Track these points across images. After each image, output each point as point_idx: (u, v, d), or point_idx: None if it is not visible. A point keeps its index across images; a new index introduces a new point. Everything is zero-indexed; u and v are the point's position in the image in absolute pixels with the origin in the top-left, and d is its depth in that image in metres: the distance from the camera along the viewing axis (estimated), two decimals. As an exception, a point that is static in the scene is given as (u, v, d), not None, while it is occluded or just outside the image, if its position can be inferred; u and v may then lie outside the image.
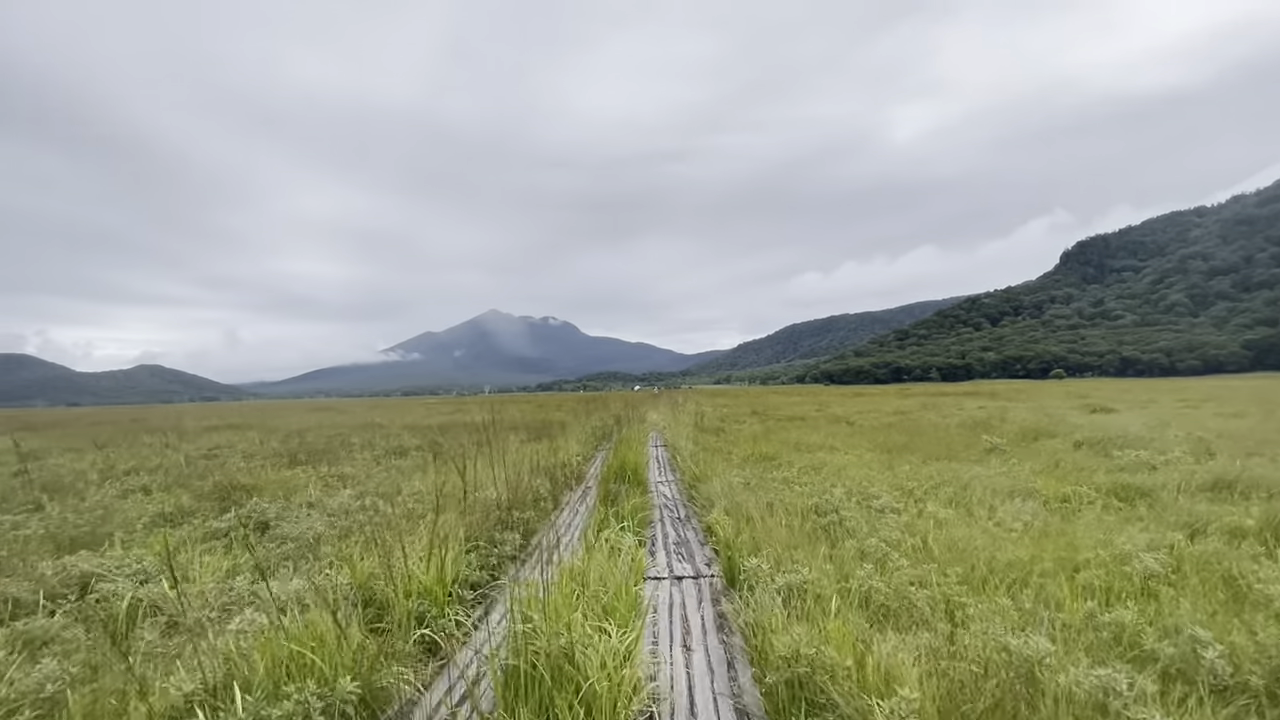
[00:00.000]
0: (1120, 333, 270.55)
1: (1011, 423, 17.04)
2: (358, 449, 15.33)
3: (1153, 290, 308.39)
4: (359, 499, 7.45)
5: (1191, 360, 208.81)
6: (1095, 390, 49.44)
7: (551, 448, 13.38)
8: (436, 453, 14.00)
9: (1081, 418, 18.70)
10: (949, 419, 20.24)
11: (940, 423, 18.69)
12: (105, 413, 68.97)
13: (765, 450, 12.43)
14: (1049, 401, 30.36)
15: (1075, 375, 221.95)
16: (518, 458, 11.80)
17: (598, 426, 17.51)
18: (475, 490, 7.18)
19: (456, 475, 9.53)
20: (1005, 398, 38.16)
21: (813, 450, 12.79)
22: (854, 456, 11.71)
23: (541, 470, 8.74)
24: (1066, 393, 45.18)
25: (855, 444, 13.64)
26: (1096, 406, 22.33)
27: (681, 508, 8.01)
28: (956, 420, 18.99)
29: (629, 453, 10.24)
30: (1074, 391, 47.57)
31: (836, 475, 9.39)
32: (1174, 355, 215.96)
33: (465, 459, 12.40)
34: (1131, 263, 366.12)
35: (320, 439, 18.90)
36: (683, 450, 12.09)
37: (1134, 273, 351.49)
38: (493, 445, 15.74)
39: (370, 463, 12.83)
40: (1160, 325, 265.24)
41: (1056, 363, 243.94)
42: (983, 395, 44.83)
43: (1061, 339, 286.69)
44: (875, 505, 7.11)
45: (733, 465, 10.84)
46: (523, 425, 23.61)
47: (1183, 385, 58.82)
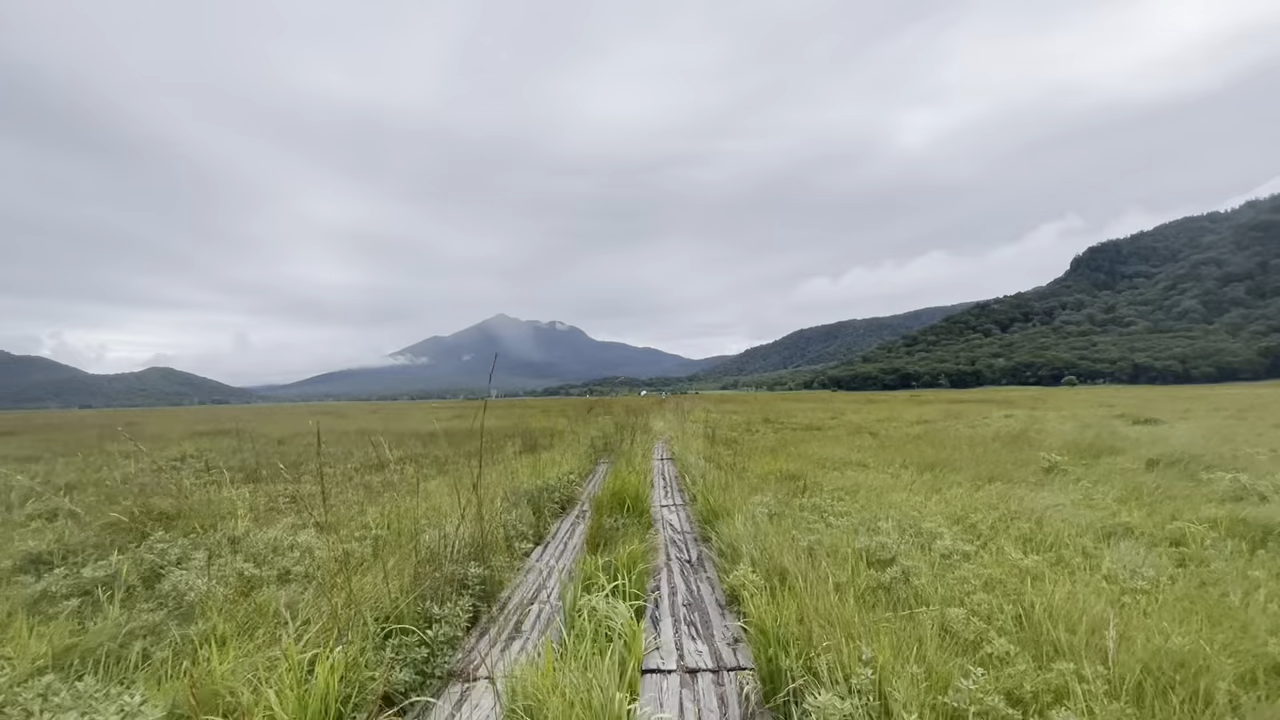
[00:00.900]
0: (1132, 339, 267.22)
1: (1053, 434, 15.48)
2: (335, 460, 13.93)
3: (1165, 296, 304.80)
4: (294, 533, 6.01)
5: (1206, 367, 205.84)
6: (1116, 398, 47.62)
7: (545, 461, 11.94)
8: (417, 466, 12.57)
9: (1127, 429, 17.11)
10: (979, 429, 18.68)
11: (972, 434, 17.13)
12: (103, 416, 68.08)
13: (787, 467, 10.93)
14: (1077, 410, 28.70)
15: (1087, 382, 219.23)
16: (505, 473, 10.37)
17: (598, 436, 16.06)
18: (439, 521, 5.76)
19: (429, 494, 8.10)
20: (1026, 405, 36.48)
21: (840, 467, 11.28)
22: (890, 475, 10.20)
23: (524, 496, 7.31)
24: (1089, 400, 43.41)
25: (886, 459, 12.12)
26: (1137, 417, 20.70)
27: (692, 545, 6.53)
28: (990, 431, 17.42)
29: (630, 473, 8.81)
30: (1096, 399, 45.78)
31: (877, 501, 7.90)
32: (1188, 362, 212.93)
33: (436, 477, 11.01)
34: (1144, 268, 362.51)
35: (300, 448, 17.51)
36: (692, 467, 10.61)
37: (1146, 279, 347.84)
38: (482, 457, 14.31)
39: (341, 478, 11.42)
40: (1173, 332, 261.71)
41: (1068, 369, 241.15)
42: (1001, 403, 43.10)
43: (1073, 345, 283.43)
44: (937, 546, 5.62)
45: (750, 485, 9.37)
46: (520, 432, 22.19)
47: (1207, 394, 56.88)
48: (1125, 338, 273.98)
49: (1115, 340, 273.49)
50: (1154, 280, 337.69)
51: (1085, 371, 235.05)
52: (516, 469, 10.92)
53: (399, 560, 4.47)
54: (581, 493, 9.55)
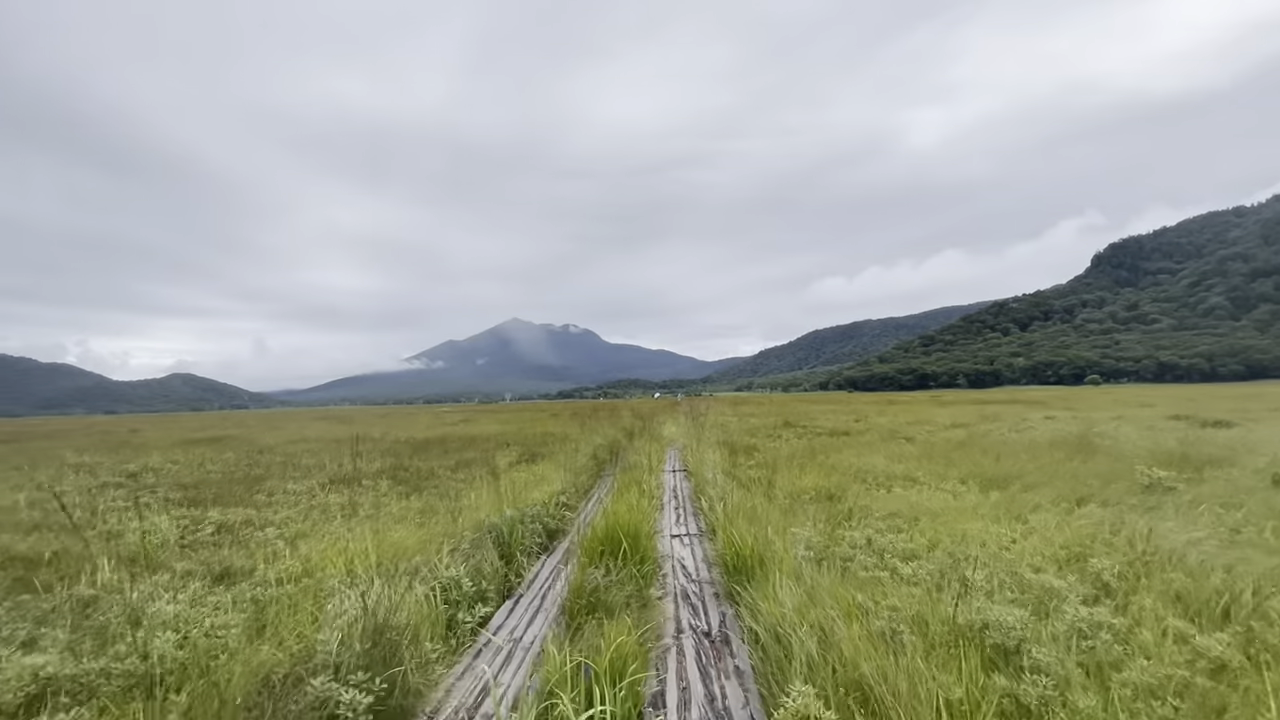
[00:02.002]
0: (1156, 337, 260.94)
1: (1122, 441, 13.61)
2: (307, 473, 12.40)
3: (1190, 293, 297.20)
4: (174, 591, 4.41)
5: (1234, 365, 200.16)
6: (1153, 397, 45.04)
7: (539, 475, 10.31)
8: (392, 482, 11.00)
9: (1201, 433, 15.17)
10: (1026, 434, 16.80)
11: (1020, 439, 15.26)
12: (111, 422, 67.59)
13: (822, 483, 9.22)
14: (1121, 411, 26.61)
15: (1110, 381, 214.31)
16: (488, 492, 8.75)
17: (602, 445, 14.43)
18: (366, 576, 4.15)
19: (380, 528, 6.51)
20: (1059, 406, 34.32)
21: (886, 483, 9.54)
22: (949, 495, 8.45)
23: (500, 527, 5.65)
24: (1125, 400, 41.01)
25: (936, 472, 10.35)
26: (1202, 419, 18.67)
27: (713, 605, 4.73)
28: (1041, 436, 15.54)
29: (635, 493, 7.19)
30: (1133, 399, 43.31)
31: (947, 533, 6.19)
32: (1215, 360, 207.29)
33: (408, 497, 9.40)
34: (1167, 265, 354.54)
35: (281, 457, 16.03)
36: (710, 483, 8.91)
37: (1170, 275, 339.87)
38: (472, 470, 12.72)
39: (302, 495, 9.87)
40: (1199, 329, 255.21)
41: (1090, 368, 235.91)
42: (1032, 403, 40.85)
43: (1094, 344, 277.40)
44: (1067, 615, 3.91)
45: (780, 506, 7.68)
46: (522, 439, 20.61)
47: (1255, 392, 54.17)
48: (1149, 335, 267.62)
49: (1139, 338, 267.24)
50: (1178, 277, 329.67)
51: (1108, 370, 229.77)
52: (503, 486, 9.30)
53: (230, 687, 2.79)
54: (577, 518, 7.91)
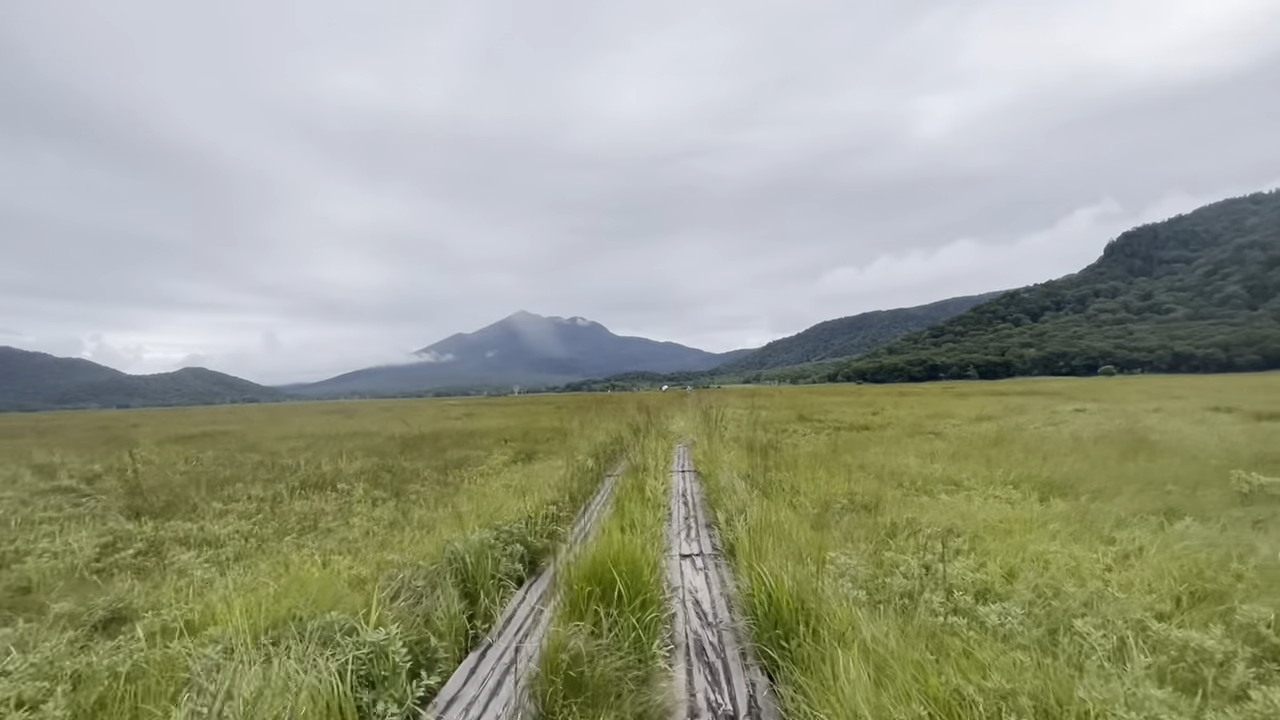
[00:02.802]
0: (1171, 327, 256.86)
1: (1178, 436, 12.35)
2: (285, 475, 11.31)
3: (1206, 282, 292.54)
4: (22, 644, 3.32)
5: (1251, 355, 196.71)
6: (1179, 388, 43.38)
7: (532, 476, 9.17)
8: (371, 485, 9.89)
9: (1250, 426, 13.88)
10: (1063, 428, 15.55)
11: (1059, 435, 14.01)
12: (114, 416, 67.22)
13: (853, 488, 8.05)
14: (1151, 404, 25.23)
15: (1124, 371, 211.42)
16: (472, 499, 7.66)
17: (605, 442, 13.28)
18: (264, 637, 3.06)
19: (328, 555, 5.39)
20: (1083, 398, 32.89)
21: (927, 488, 8.36)
22: (1003, 503, 7.27)
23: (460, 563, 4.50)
24: (1151, 392, 39.43)
25: (979, 474, 9.16)
26: (1258, 412, 17.28)
27: (738, 668, 3.49)
28: (1085, 431, 14.27)
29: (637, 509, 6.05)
30: (1160, 390, 41.68)
31: (1017, 555, 5.02)
32: (1231, 350, 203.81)
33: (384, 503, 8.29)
34: (1182, 253, 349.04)
35: (263, 456, 14.98)
36: (725, 488, 7.74)
37: (1185, 264, 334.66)
38: (462, 471, 11.61)
39: (269, 502, 8.79)
40: (1215, 319, 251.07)
41: (1103, 359, 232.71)
42: (1052, 395, 39.40)
43: (1107, 334, 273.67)
44: (1228, 688, 2.75)
45: (807, 518, 6.53)
46: (522, 435, 19.51)
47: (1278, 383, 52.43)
48: (1164, 325, 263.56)
49: (1153, 328, 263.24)
50: (1194, 265, 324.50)
51: (1121, 361, 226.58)
52: (487, 493, 8.18)
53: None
54: (570, 533, 6.78)
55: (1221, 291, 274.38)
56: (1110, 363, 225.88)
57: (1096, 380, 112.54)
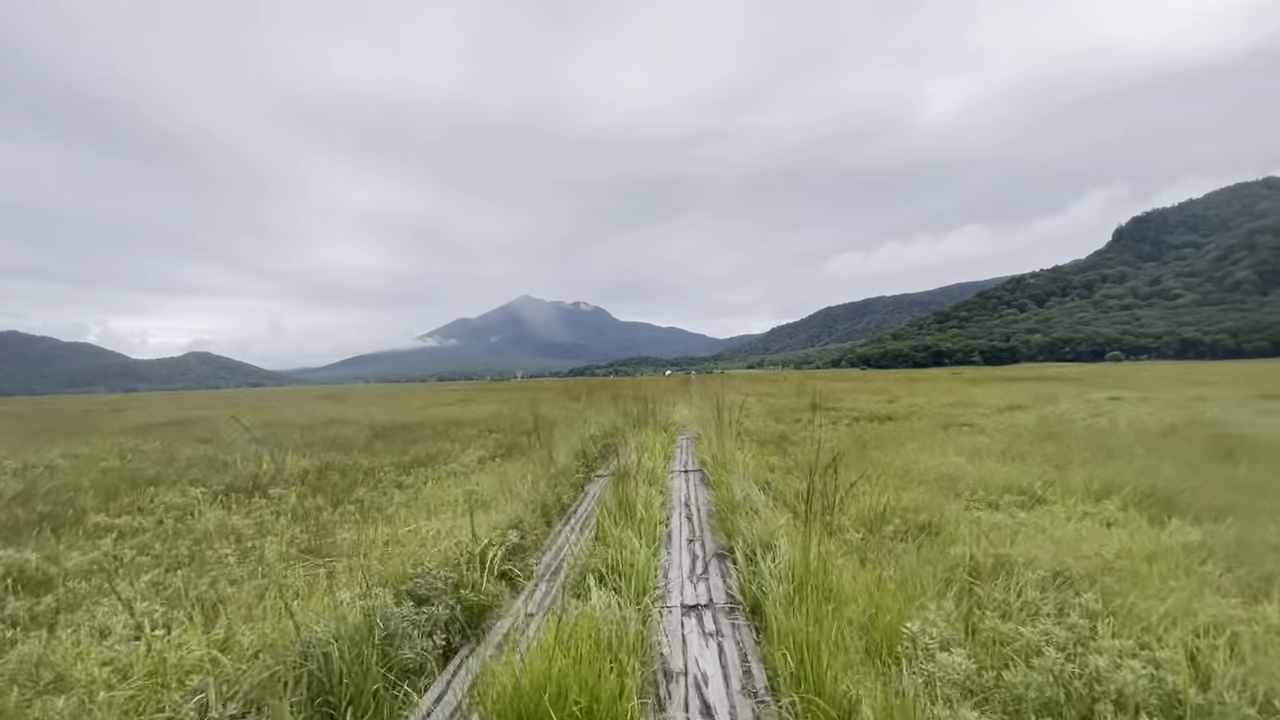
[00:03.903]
0: (1179, 313, 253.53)
1: (1270, 431, 10.64)
2: (223, 472, 9.68)
3: (1216, 267, 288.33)
4: None
5: (1260, 341, 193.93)
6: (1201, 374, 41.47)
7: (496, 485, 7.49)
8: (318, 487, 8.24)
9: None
10: (1113, 419, 13.84)
11: (1115, 429, 12.29)
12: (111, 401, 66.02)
13: (900, 501, 6.37)
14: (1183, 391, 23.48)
15: (1131, 358, 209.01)
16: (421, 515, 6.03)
17: (597, 435, 11.61)
18: None
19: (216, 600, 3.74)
20: (1106, 384, 31.16)
21: (989, 498, 6.66)
22: (1103, 524, 5.58)
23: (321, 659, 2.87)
24: (1173, 378, 37.57)
25: (1043, 476, 7.46)
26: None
27: None
28: (1145, 423, 12.55)
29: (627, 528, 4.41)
30: (1181, 376, 39.79)
31: (1189, 627, 3.35)
32: (1240, 336, 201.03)
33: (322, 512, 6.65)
34: (1192, 238, 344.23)
35: (215, 449, 13.35)
36: (740, 502, 6.04)
37: (1195, 249, 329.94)
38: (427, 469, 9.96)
39: (181, 512, 7.17)
40: (1225, 304, 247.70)
41: (1109, 345, 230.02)
42: (1067, 380, 37.66)
43: (1114, 320, 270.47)
44: None
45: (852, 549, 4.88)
46: (510, 424, 17.89)
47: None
48: (1172, 311, 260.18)
49: (1161, 314, 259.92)
50: (1203, 251, 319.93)
51: (1128, 347, 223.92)
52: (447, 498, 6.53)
53: None
54: (535, 565, 5.12)
55: (1232, 277, 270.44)
56: (1117, 349, 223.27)
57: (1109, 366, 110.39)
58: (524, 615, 4.29)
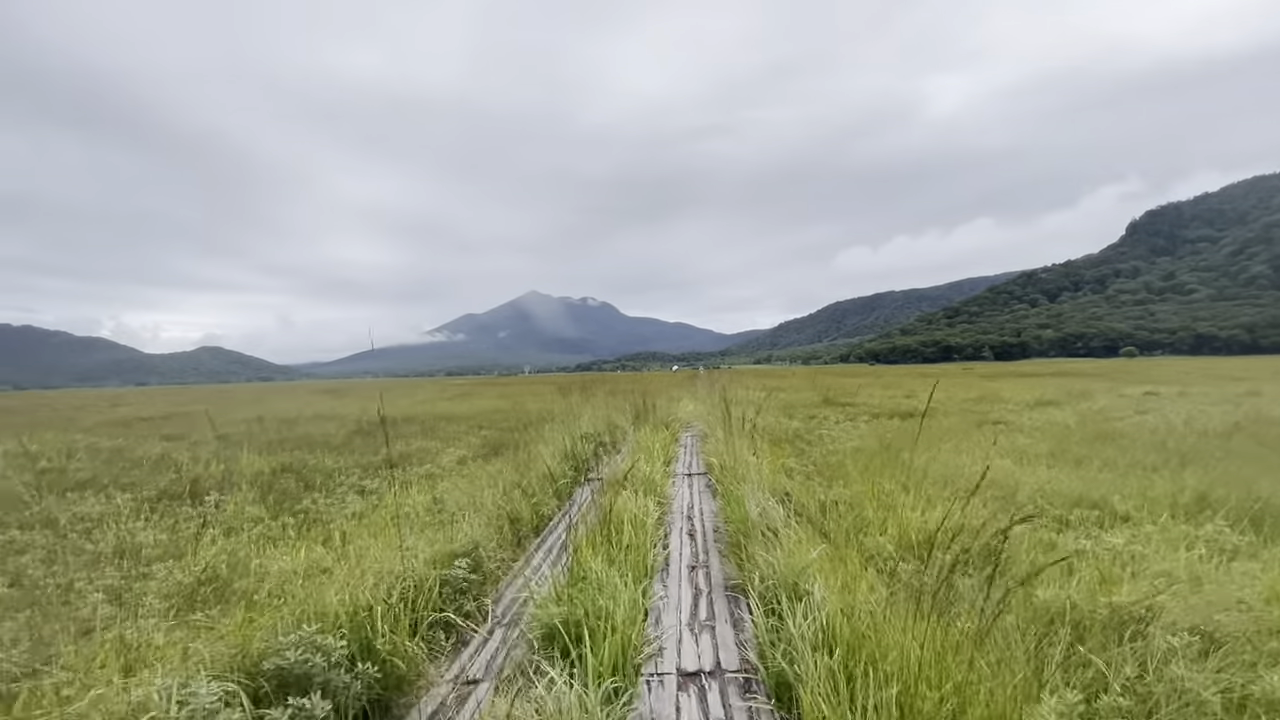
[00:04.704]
0: (1194, 308, 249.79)
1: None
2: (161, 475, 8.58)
3: (1232, 262, 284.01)
4: None
5: (1277, 336, 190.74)
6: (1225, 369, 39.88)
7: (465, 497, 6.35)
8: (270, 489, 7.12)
9: None
10: (1161, 417, 12.58)
11: (1169, 427, 11.03)
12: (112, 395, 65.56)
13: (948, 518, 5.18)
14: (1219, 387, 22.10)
15: (1145, 353, 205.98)
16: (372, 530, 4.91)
17: (591, 434, 10.47)
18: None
19: None
20: (1130, 380, 29.76)
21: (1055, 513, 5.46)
22: (1219, 550, 4.37)
23: None
24: (1204, 373, 36.02)
25: (1117, 486, 6.25)
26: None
27: None
28: (1203, 422, 11.27)
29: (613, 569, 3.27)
30: (1209, 372, 38.21)
31: None
32: (1256, 331, 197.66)
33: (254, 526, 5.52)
34: (1208, 232, 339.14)
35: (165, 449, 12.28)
36: (756, 535, 4.78)
37: (1210, 243, 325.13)
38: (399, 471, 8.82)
39: (95, 524, 6.09)
40: (1240, 299, 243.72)
41: (1123, 340, 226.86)
42: (1085, 376, 36.25)
43: (1127, 315, 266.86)
44: None
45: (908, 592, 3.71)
46: (504, 421, 16.77)
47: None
48: (1186, 306, 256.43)
49: (1175, 309, 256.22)
50: (1219, 245, 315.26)
51: (1142, 342, 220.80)
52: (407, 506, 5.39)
53: None
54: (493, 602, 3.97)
55: (1248, 271, 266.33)
56: (1131, 344, 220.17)
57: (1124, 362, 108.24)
58: (463, 683, 3.14)
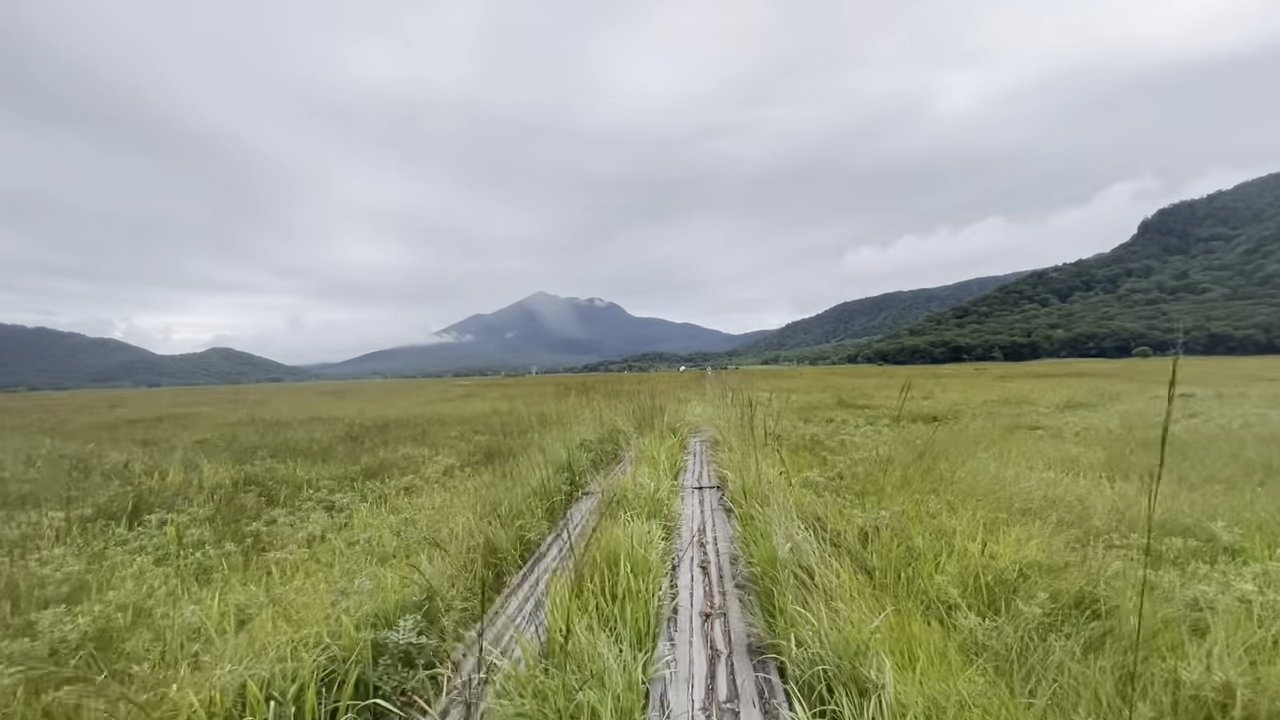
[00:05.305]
0: (1208, 307, 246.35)
1: None
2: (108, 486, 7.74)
3: (1246, 260, 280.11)
4: None
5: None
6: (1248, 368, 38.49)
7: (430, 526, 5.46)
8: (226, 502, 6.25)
9: None
10: (1199, 419, 11.55)
11: (1221, 432, 10.01)
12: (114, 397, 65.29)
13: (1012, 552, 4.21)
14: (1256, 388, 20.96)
15: (1158, 353, 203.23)
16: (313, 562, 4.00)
17: (591, 441, 9.55)
18: None
19: None
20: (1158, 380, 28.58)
21: (1137, 541, 4.48)
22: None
23: None
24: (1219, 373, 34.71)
25: (1214, 505, 5.28)
26: None
27: None
28: (1263, 425, 10.24)
29: (596, 687, 2.37)
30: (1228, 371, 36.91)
31: None
32: (1273, 330, 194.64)
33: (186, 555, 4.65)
34: (1222, 231, 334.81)
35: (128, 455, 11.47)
36: (784, 580, 3.83)
37: (1224, 242, 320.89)
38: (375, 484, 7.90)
39: (8, 552, 5.23)
40: (1255, 298, 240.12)
41: (1135, 340, 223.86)
42: (1107, 377, 35.03)
43: (1140, 314, 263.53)
44: None
45: (978, 644, 2.77)
46: (501, 424, 15.87)
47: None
48: (1200, 306, 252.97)
49: (1188, 308, 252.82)
50: (1233, 243, 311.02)
51: (1155, 342, 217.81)
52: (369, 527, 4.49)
53: None
54: (451, 673, 3.07)
55: (1263, 270, 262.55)
56: (1144, 344, 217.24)
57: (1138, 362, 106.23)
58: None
